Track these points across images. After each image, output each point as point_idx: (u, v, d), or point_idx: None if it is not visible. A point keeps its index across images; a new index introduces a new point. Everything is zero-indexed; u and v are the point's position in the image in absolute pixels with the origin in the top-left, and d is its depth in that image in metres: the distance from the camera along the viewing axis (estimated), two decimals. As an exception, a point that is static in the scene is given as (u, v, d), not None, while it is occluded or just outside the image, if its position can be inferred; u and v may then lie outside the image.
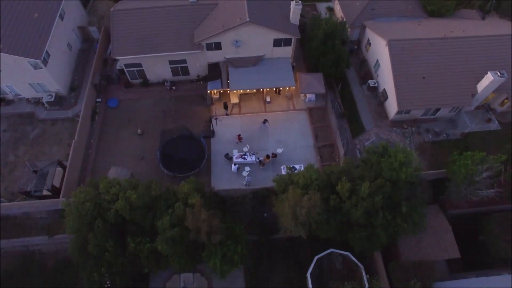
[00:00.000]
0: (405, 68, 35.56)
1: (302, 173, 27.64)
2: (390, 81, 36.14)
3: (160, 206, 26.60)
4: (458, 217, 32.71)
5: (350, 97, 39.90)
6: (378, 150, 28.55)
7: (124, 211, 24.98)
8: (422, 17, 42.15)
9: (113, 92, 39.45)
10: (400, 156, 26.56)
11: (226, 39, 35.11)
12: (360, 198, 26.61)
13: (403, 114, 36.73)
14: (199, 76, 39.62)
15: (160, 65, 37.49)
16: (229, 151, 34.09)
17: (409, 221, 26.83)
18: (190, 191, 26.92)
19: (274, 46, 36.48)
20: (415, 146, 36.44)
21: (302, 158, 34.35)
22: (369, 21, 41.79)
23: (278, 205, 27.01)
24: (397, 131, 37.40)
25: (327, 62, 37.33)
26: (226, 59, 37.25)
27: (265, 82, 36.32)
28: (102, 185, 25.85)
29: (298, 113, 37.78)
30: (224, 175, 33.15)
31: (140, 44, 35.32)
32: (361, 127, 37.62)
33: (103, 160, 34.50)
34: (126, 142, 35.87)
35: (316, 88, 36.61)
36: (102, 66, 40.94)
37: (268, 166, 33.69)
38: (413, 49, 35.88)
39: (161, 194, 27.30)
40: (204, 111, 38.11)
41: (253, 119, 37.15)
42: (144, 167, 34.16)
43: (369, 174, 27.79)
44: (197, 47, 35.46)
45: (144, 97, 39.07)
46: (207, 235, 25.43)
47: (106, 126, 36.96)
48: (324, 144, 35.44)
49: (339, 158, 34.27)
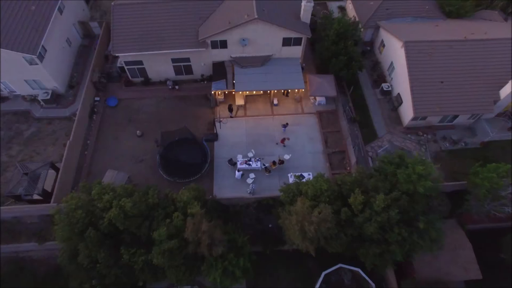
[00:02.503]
0: (422, 71, 33.42)
1: (312, 183, 25.58)
2: (405, 85, 34.01)
3: (157, 215, 24.69)
4: (477, 233, 30.46)
5: (362, 101, 37.77)
6: (394, 160, 26.40)
7: (118, 221, 23.07)
8: (440, 18, 39.93)
9: (113, 90, 37.63)
10: (418, 168, 24.41)
11: (232, 37, 33.15)
12: (374, 211, 24.56)
13: (418, 120, 34.58)
14: (203, 75, 37.70)
15: (162, 63, 35.60)
16: (233, 156, 32.08)
17: (426, 238, 24.70)
18: (190, 200, 24.98)
19: (283, 45, 34.46)
20: (431, 155, 34.30)
21: (310, 165, 32.27)
22: (383, 22, 39.68)
23: (285, 218, 24.96)
24: (412, 138, 35.25)
25: (338, 63, 35.25)
26: (232, 58, 35.30)
27: (273, 83, 34.30)
28: (95, 191, 23.98)
29: (307, 117, 35.70)
30: (228, 182, 31.15)
31: (142, 40, 33.44)
32: (373, 133, 35.50)
33: (100, 162, 32.65)
34: (124, 143, 34.01)
35: (327, 91, 34.51)
36: (102, 63, 39.20)
37: (274, 173, 31.62)
38: (431, 51, 33.71)
39: (158, 202, 25.39)
40: (208, 112, 36.17)
41: (259, 122, 35.15)
42: (143, 170, 32.28)
43: (384, 185, 25.70)
44: (201, 45, 33.53)
45: (145, 96, 37.21)
46: (208, 248, 23.48)
47: (104, 126, 35.12)
48: (334, 151, 33.33)
49: (350, 166, 32.16)
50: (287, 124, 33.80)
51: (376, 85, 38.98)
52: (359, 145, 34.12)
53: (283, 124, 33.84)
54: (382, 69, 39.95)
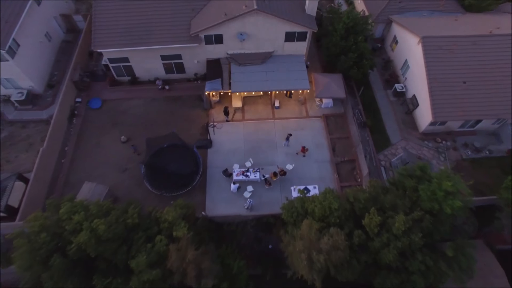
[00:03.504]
0: (442, 70, 29.67)
1: (319, 200, 21.82)
2: (422, 85, 30.28)
3: (137, 239, 20.93)
4: (507, 254, 26.71)
5: (373, 104, 33.98)
6: (415, 172, 22.63)
7: (88, 246, 19.32)
8: (458, 12, 36.17)
9: (97, 90, 33.85)
10: (446, 184, 20.63)
11: (229, 31, 29.40)
12: (392, 235, 20.81)
13: (437, 125, 30.83)
14: (196, 74, 33.94)
15: (150, 60, 31.84)
16: (228, 166, 28.26)
17: (455, 267, 20.94)
18: (176, 220, 21.23)
19: (286, 41, 30.70)
20: (450, 164, 30.51)
21: (316, 176, 28.47)
22: (396, 16, 35.93)
23: (288, 242, 21.18)
24: (429, 146, 31.47)
25: (348, 61, 31.47)
26: (228, 55, 31.54)
27: (274, 83, 30.50)
28: (64, 210, 20.21)
29: (312, 121, 31.88)
30: (222, 195, 27.33)
31: (127, 34, 29.67)
32: (386, 140, 31.71)
33: (79, 171, 28.87)
34: (107, 150, 30.24)
35: (335, 92, 30.70)
36: (86, 61, 35.49)
37: (276, 185, 27.79)
38: (452, 48, 29.93)
39: (139, 222, 21.64)
40: (201, 115, 32.42)
41: (259, 127, 31.36)
42: (127, 182, 28.51)
43: (404, 203, 21.95)
44: (194, 40, 29.76)
45: (132, 97, 33.43)
46: (196, 279, 19.75)
47: (86, 130, 31.33)
48: (343, 160, 29.53)
49: (361, 177, 28.36)
50: (290, 136, 29.43)
51: (388, 85, 35.22)
52: (371, 153, 30.36)
53: (286, 136, 29.50)
54: (394, 68, 36.20)
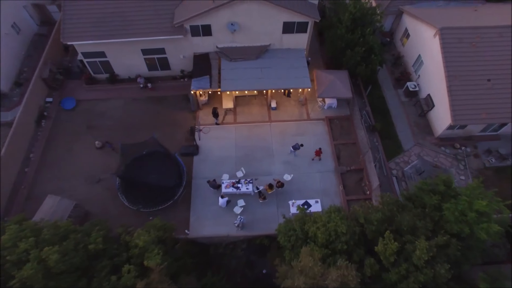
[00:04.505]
0: (462, 66, 25.90)
1: (323, 221, 18.01)
2: (439, 84, 26.53)
3: (100, 269, 17.11)
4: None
5: (382, 105, 30.18)
6: (439, 187, 18.80)
7: (35, 281, 15.49)
8: (478, 2, 32.40)
9: (71, 89, 30.06)
10: (479, 203, 16.81)
11: (218, 21, 25.61)
12: (412, 265, 17.00)
13: (455, 129, 27.08)
14: (183, 71, 30.13)
15: (130, 55, 28.04)
16: (217, 177, 24.40)
17: (490, 304, 17.18)
18: (149, 246, 17.41)
19: (284, 32, 26.90)
20: (471, 174, 26.74)
21: (318, 188, 24.64)
22: (408, 6, 32.14)
23: (285, 274, 17.31)
24: (447, 152, 27.72)
25: (355, 56, 27.68)
26: (218, 49, 27.75)
27: (271, 81, 26.67)
28: (7, 236, 16.39)
29: (313, 124, 28.05)
30: (209, 211, 23.44)
31: (101, 25, 25.83)
32: (397, 146, 27.94)
33: (45, 183, 25.03)
34: (80, 158, 26.42)
35: (340, 91, 26.84)
36: (59, 56, 31.69)
37: (271, 199, 23.90)
38: (475, 40, 26.14)
39: (105, 248, 17.81)
40: (188, 118, 28.61)
41: (253, 131, 27.57)
42: (100, 194, 24.69)
43: (425, 225, 18.12)
44: (178, 31, 25.97)
45: (110, 97, 29.63)
46: (171, 321, 15.98)
47: (56, 135, 27.51)
48: (349, 169, 25.69)
49: (370, 189, 24.54)
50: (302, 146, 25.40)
51: (399, 85, 31.42)
52: (381, 161, 26.60)
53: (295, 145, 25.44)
54: (405, 65, 32.40)
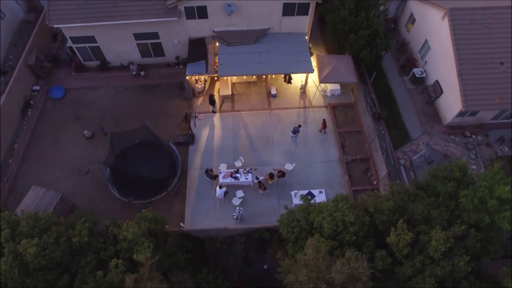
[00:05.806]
0: (474, 49, 24.38)
1: (329, 210, 16.49)
2: (449, 69, 25.04)
3: (84, 265, 15.53)
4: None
5: (388, 92, 28.72)
6: (454, 173, 17.32)
7: (10, 277, 13.91)
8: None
9: (60, 78, 28.50)
10: (501, 189, 15.33)
11: (214, 2, 24.10)
12: (428, 257, 15.51)
13: (465, 116, 25.63)
14: (178, 58, 28.58)
15: (122, 40, 26.50)
16: (214, 167, 22.83)
17: (513, 300, 15.68)
18: (139, 238, 15.86)
19: (284, 15, 25.40)
20: (483, 163, 25.30)
21: (322, 179, 23.12)
22: (413, -11, 30.67)
23: (288, 268, 15.75)
24: (457, 141, 26.26)
25: (359, 40, 26.19)
26: (214, 33, 26.22)
27: (270, 65, 25.16)
28: (-19, 229, 14.86)
29: (316, 112, 26.52)
30: (205, 203, 21.90)
31: (90, 6, 24.28)
32: (404, 135, 26.48)
33: (30, 175, 23.49)
34: (68, 149, 24.86)
35: (344, 76, 25.32)
36: (47, 42, 30.16)
37: (272, 190, 22.36)
38: (487, 21, 24.68)
39: (90, 241, 16.24)
40: (183, 106, 27.05)
41: (252, 119, 26.05)
42: (89, 186, 23.13)
43: (440, 214, 16.62)
44: (172, 13, 24.42)
45: (101, 85, 28.06)
46: (161, 322, 14.42)
47: (42, 125, 25.94)
48: (355, 158, 24.19)
49: (377, 179, 23.04)
50: (300, 127, 23.96)
51: (405, 72, 29.94)
52: (387, 150, 25.12)
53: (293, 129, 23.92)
54: (411, 51, 30.93)
